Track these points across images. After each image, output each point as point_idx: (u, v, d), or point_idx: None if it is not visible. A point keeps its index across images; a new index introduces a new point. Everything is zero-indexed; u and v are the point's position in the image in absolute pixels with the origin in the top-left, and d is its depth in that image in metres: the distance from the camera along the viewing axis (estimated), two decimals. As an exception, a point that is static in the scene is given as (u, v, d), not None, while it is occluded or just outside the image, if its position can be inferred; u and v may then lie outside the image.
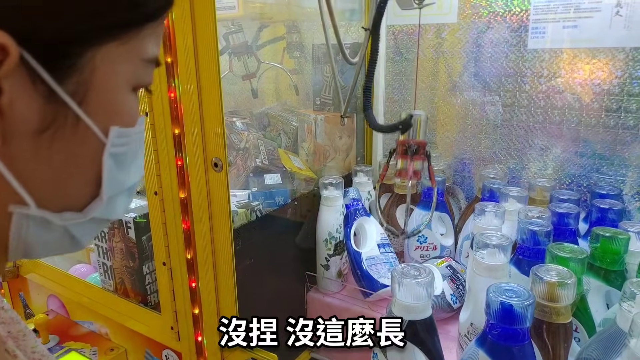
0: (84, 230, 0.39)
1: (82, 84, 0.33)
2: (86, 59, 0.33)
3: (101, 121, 0.35)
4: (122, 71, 0.36)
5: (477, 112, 1.25)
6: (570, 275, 0.68)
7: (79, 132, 0.34)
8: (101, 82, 0.34)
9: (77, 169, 0.36)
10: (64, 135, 0.34)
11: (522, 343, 0.62)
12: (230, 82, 1.42)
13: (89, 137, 0.35)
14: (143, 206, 1.09)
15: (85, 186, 0.37)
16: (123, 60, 0.35)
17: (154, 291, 1.12)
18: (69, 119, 0.33)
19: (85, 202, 0.38)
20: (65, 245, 0.39)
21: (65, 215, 0.37)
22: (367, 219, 1.12)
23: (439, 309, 0.97)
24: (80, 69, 0.33)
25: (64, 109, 0.33)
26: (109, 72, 0.34)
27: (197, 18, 0.80)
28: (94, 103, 0.34)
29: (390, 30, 1.34)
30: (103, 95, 0.35)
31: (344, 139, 1.32)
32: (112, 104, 0.36)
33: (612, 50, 1.05)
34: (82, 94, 0.33)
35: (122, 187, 0.40)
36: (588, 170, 1.13)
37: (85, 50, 0.32)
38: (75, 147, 0.35)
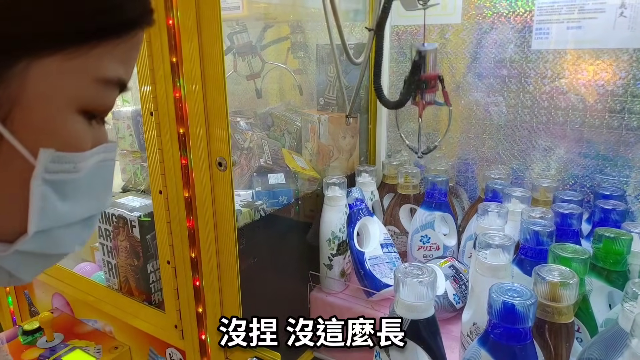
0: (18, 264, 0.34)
1: (8, 99, 0.29)
2: (14, 72, 0.29)
3: (32, 142, 0.31)
4: (64, 89, 0.31)
5: (481, 112, 1.25)
6: (572, 275, 0.68)
7: (2, 152, 0.30)
8: (35, 99, 0.30)
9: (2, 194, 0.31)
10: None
11: (524, 343, 0.62)
12: (234, 82, 1.42)
13: (15, 159, 0.30)
14: (148, 205, 1.10)
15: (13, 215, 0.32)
16: (67, 78, 0.31)
17: (158, 290, 1.13)
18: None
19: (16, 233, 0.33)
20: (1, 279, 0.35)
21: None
22: (370, 218, 1.12)
23: (442, 309, 0.98)
24: (7, 81, 0.29)
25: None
26: (46, 89, 0.30)
27: (202, 18, 0.80)
28: (22, 121, 0.30)
29: (394, 31, 1.34)
30: (36, 113, 0.30)
31: (347, 139, 1.33)
32: (48, 124, 0.31)
33: (616, 51, 1.05)
34: (7, 110, 0.29)
35: (66, 220, 0.35)
36: (591, 171, 1.13)
37: (13, 62, 0.29)
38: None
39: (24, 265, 0.35)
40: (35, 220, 0.32)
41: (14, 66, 0.29)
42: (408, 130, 1.39)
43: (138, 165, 1.25)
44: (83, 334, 1.25)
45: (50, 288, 1.37)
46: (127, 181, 1.31)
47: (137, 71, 0.90)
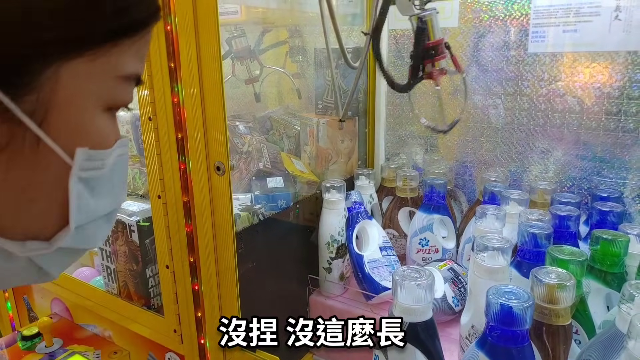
0: (52, 261, 0.36)
1: (42, 103, 0.30)
2: (47, 76, 0.30)
3: (67, 143, 0.32)
4: (91, 89, 0.33)
5: (479, 115, 1.26)
6: (569, 277, 0.68)
7: (39, 154, 0.31)
8: (66, 101, 0.31)
9: (40, 194, 0.33)
10: (23, 158, 0.31)
11: (522, 345, 0.62)
12: (233, 86, 1.43)
13: (52, 160, 0.32)
14: (146, 209, 1.10)
15: (50, 213, 0.34)
16: (93, 78, 0.32)
17: (157, 294, 1.13)
18: (27, 140, 0.30)
19: (53, 230, 0.34)
20: (30, 277, 0.36)
21: (28, 245, 0.33)
22: (369, 222, 1.12)
23: (441, 312, 0.98)
24: (40, 87, 0.30)
25: (21, 129, 0.30)
26: (75, 90, 0.31)
27: (200, 23, 0.81)
28: (57, 123, 0.31)
29: (391, 35, 1.34)
30: (68, 114, 0.32)
31: (346, 143, 1.33)
32: (79, 124, 0.33)
33: (612, 54, 1.05)
34: (43, 113, 0.30)
35: (95, 215, 0.36)
36: (589, 173, 1.14)
37: (46, 67, 0.30)
38: (37, 171, 0.32)
39: (57, 261, 0.36)
40: (75, 217, 0.34)
41: (46, 71, 0.30)
42: (406, 134, 1.39)
43: (137, 169, 1.25)
44: (82, 339, 1.25)
45: (49, 293, 1.37)
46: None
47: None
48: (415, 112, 1.10)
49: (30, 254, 0.34)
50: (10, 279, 0.35)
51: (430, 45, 0.94)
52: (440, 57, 0.95)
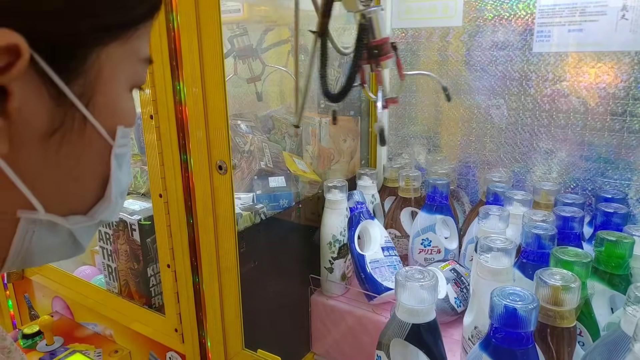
0: (87, 233, 0.39)
1: (88, 86, 0.33)
2: (92, 60, 0.33)
3: (106, 122, 0.35)
4: (123, 71, 0.35)
5: (482, 115, 1.25)
6: (574, 279, 0.68)
7: (86, 134, 0.34)
8: (106, 83, 0.34)
9: (84, 171, 0.36)
10: (72, 138, 0.33)
11: (526, 347, 0.61)
12: (235, 85, 1.42)
13: (95, 138, 0.35)
14: (148, 208, 1.09)
15: (91, 189, 0.37)
16: (123, 60, 0.35)
17: (158, 293, 1.13)
18: (76, 121, 0.33)
19: (90, 204, 0.38)
20: (66, 250, 0.39)
21: (72, 219, 0.36)
22: (371, 222, 1.12)
23: (443, 313, 0.97)
24: (87, 71, 0.32)
25: (71, 111, 0.32)
26: (112, 73, 0.34)
27: (202, 21, 0.80)
28: (99, 104, 0.34)
29: (395, 34, 1.34)
30: (107, 95, 0.35)
31: (348, 142, 1.33)
32: (116, 104, 0.36)
33: (618, 54, 1.04)
34: (89, 96, 0.33)
35: (122, 188, 0.40)
36: (593, 174, 1.13)
37: (91, 51, 0.32)
38: (83, 149, 0.35)
39: (89, 233, 0.39)
40: (115, 190, 0.38)
41: (91, 56, 0.32)
42: (409, 134, 1.39)
43: (138, 168, 1.24)
44: (83, 337, 1.24)
45: (50, 291, 1.37)
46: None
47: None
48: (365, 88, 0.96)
49: (75, 226, 0.37)
50: (51, 253, 0.38)
51: (374, 44, 0.87)
52: (385, 57, 0.88)
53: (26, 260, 0.36)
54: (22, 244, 0.34)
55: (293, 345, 1.17)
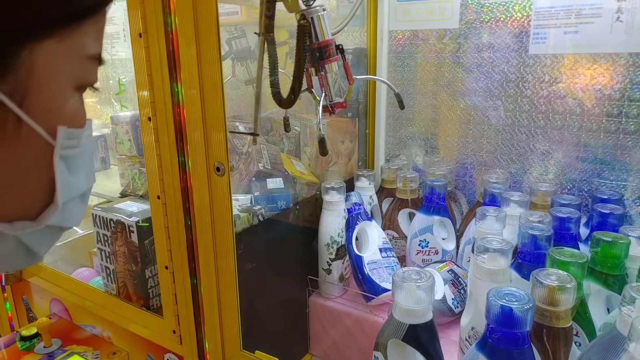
0: (39, 239, 0.37)
1: (20, 84, 0.31)
2: (22, 58, 0.31)
3: (46, 122, 0.33)
4: (62, 69, 0.34)
5: (479, 117, 1.25)
6: (570, 279, 0.68)
7: (22, 135, 0.32)
8: (41, 81, 0.32)
9: (25, 174, 0.34)
10: (5, 140, 0.31)
11: (522, 347, 0.62)
12: (233, 87, 1.43)
13: (33, 140, 0.33)
14: (146, 210, 1.09)
15: (36, 192, 0.35)
16: (63, 58, 0.33)
17: (156, 295, 1.13)
18: (10, 122, 0.31)
19: (39, 209, 0.36)
20: (19, 258, 0.37)
21: (17, 225, 0.34)
22: (368, 223, 1.12)
23: (441, 314, 0.97)
24: (17, 69, 0.30)
25: (2, 111, 0.31)
26: (48, 71, 0.32)
27: (200, 23, 0.81)
28: (35, 103, 0.32)
29: (392, 36, 1.34)
30: (45, 94, 0.33)
31: (346, 144, 1.33)
32: (56, 103, 0.34)
33: (613, 56, 1.05)
34: (22, 95, 0.31)
35: (75, 193, 0.38)
36: (589, 175, 1.13)
37: (20, 48, 0.30)
38: (21, 151, 0.33)
39: (44, 239, 0.38)
40: (61, 194, 0.36)
41: (21, 53, 0.30)
42: (406, 135, 1.39)
43: (136, 170, 1.25)
44: (81, 339, 1.24)
45: (48, 294, 1.37)
46: (126, 186, 1.31)
47: (135, 76, 0.90)
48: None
49: (20, 232, 0.35)
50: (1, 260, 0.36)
51: (316, 47, 0.83)
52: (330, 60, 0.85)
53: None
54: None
55: (291, 346, 1.17)
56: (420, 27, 1.29)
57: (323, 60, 0.84)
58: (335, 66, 0.86)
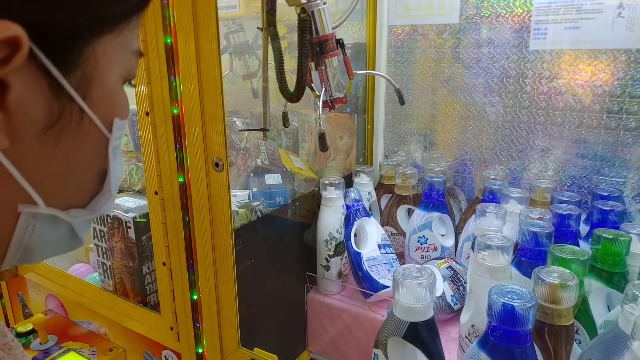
0: (85, 226, 0.39)
1: (85, 78, 0.33)
2: (88, 53, 0.32)
3: (103, 114, 0.35)
4: (117, 63, 0.35)
5: (478, 113, 1.25)
6: (572, 277, 0.68)
7: (83, 127, 0.34)
8: (101, 76, 0.34)
9: (82, 164, 0.36)
10: (70, 131, 0.33)
11: (524, 345, 0.61)
12: (230, 81, 1.41)
13: (92, 131, 0.35)
14: (143, 206, 1.08)
15: (89, 182, 0.37)
16: (117, 53, 0.35)
17: (154, 291, 1.12)
18: (74, 114, 0.33)
19: (89, 198, 0.38)
20: (65, 244, 0.39)
21: (72, 213, 0.36)
22: (367, 219, 1.12)
23: (440, 310, 0.97)
24: (84, 63, 0.32)
25: (69, 104, 0.32)
26: (107, 65, 0.34)
27: (198, 17, 0.80)
28: (96, 97, 0.34)
29: (391, 31, 1.33)
30: (104, 87, 0.34)
31: (344, 140, 1.32)
32: (111, 96, 0.36)
33: (614, 52, 1.04)
34: (86, 88, 0.33)
35: (118, 180, 0.40)
36: (589, 172, 1.13)
37: (87, 44, 0.32)
38: (80, 142, 0.34)
39: (87, 226, 0.40)
40: (115, 184, 0.38)
41: (87, 48, 0.32)
42: (405, 131, 1.39)
43: (133, 165, 1.23)
44: (77, 336, 1.23)
45: (44, 289, 1.36)
46: (123, 181, 1.30)
47: (132, 71, 0.89)
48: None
49: (75, 220, 0.37)
50: (50, 248, 0.38)
51: (316, 41, 0.82)
52: (330, 54, 0.84)
53: (26, 255, 0.36)
54: (23, 239, 0.34)
55: (289, 343, 1.16)
56: (420, 22, 1.28)
57: (323, 55, 0.83)
58: (335, 61, 0.85)
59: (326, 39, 0.83)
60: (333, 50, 0.84)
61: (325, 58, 0.84)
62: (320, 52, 0.83)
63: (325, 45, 0.83)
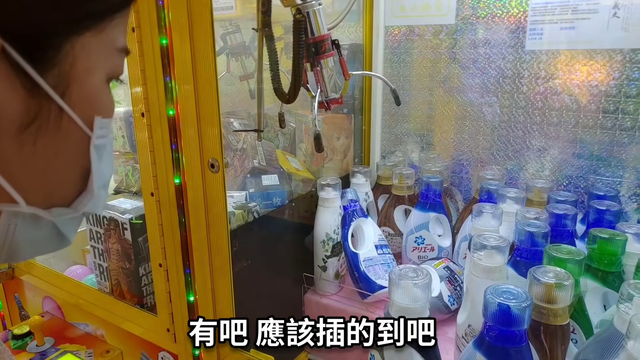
0: (71, 225, 0.39)
1: (63, 76, 0.32)
2: (65, 51, 0.32)
3: (83, 113, 0.35)
4: (99, 61, 0.35)
5: (475, 113, 1.25)
6: (567, 276, 0.68)
7: (62, 125, 0.34)
8: (81, 73, 0.34)
9: (63, 163, 0.36)
10: (48, 130, 0.33)
11: (520, 345, 0.61)
12: (227, 82, 1.41)
13: (72, 130, 0.35)
14: (139, 207, 1.08)
15: (72, 181, 0.37)
16: (98, 51, 0.35)
17: (150, 293, 1.12)
18: (52, 112, 0.33)
19: (73, 197, 0.38)
20: (52, 243, 0.39)
21: (55, 211, 0.36)
22: (364, 220, 1.12)
23: (437, 311, 0.97)
24: (61, 61, 0.32)
25: (46, 102, 0.32)
26: (87, 63, 0.34)
27: (194, 18, 0.79)
28: (75, 95, 0.34)
29: (388, 32, 1.33)
30: (83, 86, 0.34)
31: (341, 140, 1.32)
32: (92, 94, 0.35)
33: (610, 52, 1.05)
34: (64, 86, 0.33)
35: (104, 180, 0.40)
36: (585, 172, 1.13)
37: (64, 42, 0.32)
38: (60, 141, 0.34)
39: (73, 225, 0.40)
40: (97, 182, 0.38)
41: (64, 46, 0.32)
42: (402, 131, 1.39)
43: (130, 166, 1.23)
44: (74, 337, 1.23)
45: (40, 291, 1.35)
46: (119, 183, 1.30)
47: (128, 72, 0.89)
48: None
49: (59, 219, 0.37)
50: (35, 247, 0.38)
51: (312, 42, 0.83)
52: (325, 55, 0.84)
53: (11, 254, 0.36)
54: (5, 238, 0.34)
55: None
56: (416, 23, 1.28)
57: (319, 55, 0.84)
58: (331, 61, 0.85)
59: (322, 39, 0.83)
60: (329, 51, 0.84)
61: (320, 59, 0.84)
62: (316, 52, 0.84)
63: (320, 46, 0.83)
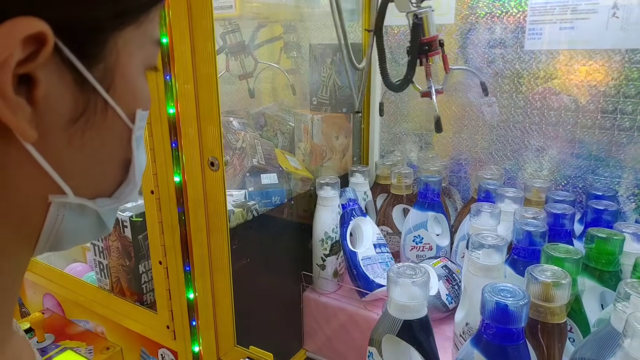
0: (111, 214, 0.41)
1: (108, 71, 0.34)
2: (109, 46, 0.33)
3: (126, 106, 0.36)
4: (138, 54, 0.36)
5: (474, 113, 1.25)
6: (565, 275, 0.68)
7: (107, 118, 0.35)
8: (124, 67, 0.35)
9: (107, 155, 0.37)
10: (94, 123, 0.34)
11: (517, 343, 0.62)
12: (227, 81, 1.42)
13: (116, 122, 0.36)
14: (139, 205, 1.09)
15: (114, 171, 0.38)
16: (138, 44, 0.36)
17: (150, 290, 1.12)
18: (99, 106, 0.34)
19: (114, 187, 0.39)
20: (94, 232, 0.40)
21: (99, 202, 0.38)
22: (363, 219, 1.12)
23: (435, 309, 0.98)
24: (107, 55, 0.33)
25: (93, 97, 0.33)
26: (129, 56, 0.35)
27: (194, 17, 0.80)
28: (119, 88, 0.35)
29: (386, 31, 1.34)
30: (126, 80, 0.35)
31: (340, 139, 1.33)
32: (134, 87, 0.37)
33: (609, 52, 1.05)
34: (109, 81, 0.34)
35: (142, 169, 0.41)
36: (584, 172, 1.14)
37: (109, 36, 0.33)
38: (105, 133, 0.36)
39: (113, 214, 0.41)
40: (139, 172, 0.40)
41: (109, 40, 0.33)
42: (401, 131, 1.39)
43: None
44: (74, 334, 1.24)
45: (41, 288, 1.36)
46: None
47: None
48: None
49: (102, 208, 0.38)
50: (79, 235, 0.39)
51: (425, 41, 0.97)
52: (434, 52, 0.98)
53: (56, 242, 0.37)
54: (53, 227, 0.35)
55: (285, 342, 1.17)
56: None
57: (430, 53, 0.99)
58: (437, 58, 1.00)
59: (433, 40, 0.99)
60: (437, 49, 0.99)
61: (431, 56, 0.99)
62: (428, 50, 0.99)
63: (431, 45, 0.98)
